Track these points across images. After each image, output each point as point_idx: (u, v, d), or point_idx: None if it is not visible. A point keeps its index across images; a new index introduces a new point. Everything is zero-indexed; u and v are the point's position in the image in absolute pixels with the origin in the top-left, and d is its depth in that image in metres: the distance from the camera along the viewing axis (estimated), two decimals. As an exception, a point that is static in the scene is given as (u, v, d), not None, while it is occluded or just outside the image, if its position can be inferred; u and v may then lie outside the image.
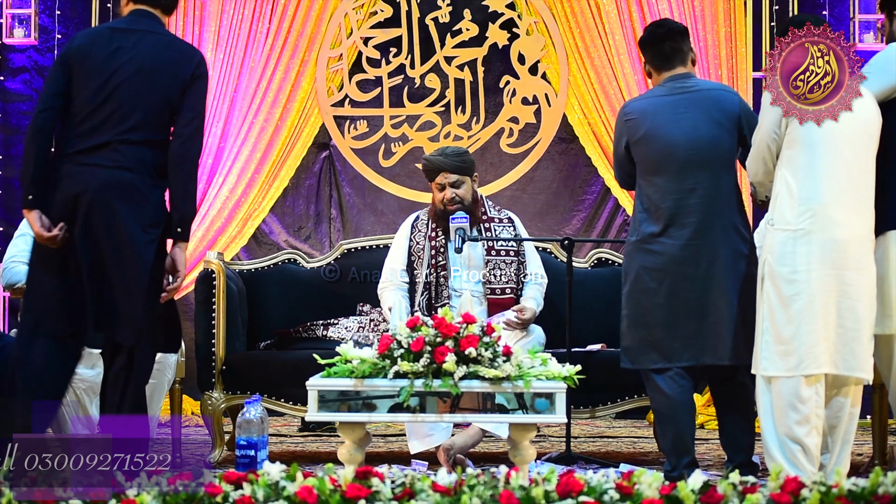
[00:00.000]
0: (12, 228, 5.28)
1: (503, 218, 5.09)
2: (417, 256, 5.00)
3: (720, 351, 4.02)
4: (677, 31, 4.18)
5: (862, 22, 6.60)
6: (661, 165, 4.09)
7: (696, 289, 4.03)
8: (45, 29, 6.79)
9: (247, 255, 6.72)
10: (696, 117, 4.06)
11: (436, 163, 4.95)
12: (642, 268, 4.11)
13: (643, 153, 4.14)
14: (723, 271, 4.02)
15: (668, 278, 4.05)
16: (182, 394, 5.02)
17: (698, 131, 4.05)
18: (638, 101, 4.23)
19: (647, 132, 4.11)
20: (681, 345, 4.05)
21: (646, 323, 4.11)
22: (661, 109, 4.10)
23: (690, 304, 4.04)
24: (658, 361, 4.09)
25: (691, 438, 4.11)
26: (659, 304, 4.07)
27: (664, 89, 4.15)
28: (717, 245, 4.03)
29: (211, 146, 6.64)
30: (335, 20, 6.77)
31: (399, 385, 3.48)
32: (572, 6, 6.70)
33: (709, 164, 4.05)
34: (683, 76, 4.14)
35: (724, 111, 4.07)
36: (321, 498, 2.82)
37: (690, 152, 4.05)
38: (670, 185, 4.06)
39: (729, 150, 4.09)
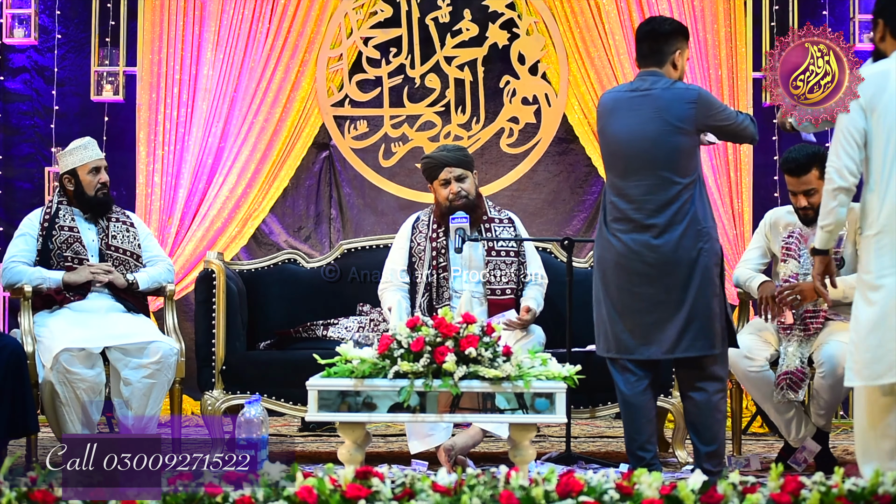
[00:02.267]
0: (12, 228, 5.28)
1: (503, 218, 5.09)
2: (418, 257, 5.00)
3: (665, 344, 4.07)
4: (661, 32, 4.17)
5: (862, 22, 6.60)
6: (612, 161, 4.19)
7: (644, 283, 4.07)
8: (45, 29, 6.79)
9: (247, 255, 6.72)
10: (644, 115, 4.10)
11: (438, 158, 4.95)
12: (599, 259, 4.21)
13: (601, 146, 4.28)
14: (669, 267, 4.05)
15: (619, 271, 4.11)
16: (182, 394, 5.02)
17: (644, 129, 4.09)
18: (608, 94, 4.30)
19: (602, 126, 4.22)
20: (629, 338, 4.10)
21: (599, 313, 4.20)
22: (619, 105, 4.17)
23: (637, 298, 4.08)
24: (610, 351, 4.16)
25: (647, 438, 4.12)
26: (610, 296, 4.14)
27: (630, 85, 4.21)
28: (664, 241, 4.05)
29: (211, 146, 6.64)
30: (335, 20, 6.77)
31: (399, 385, 3.48)
32: (572, 6, 6.70)
33: (653, 164, 4.07)
34: (650, 74, 4.16)
35: (675, 112, 4.08)
36: (321, 498, 2.82)
37: (633, 149, 4.10)
38: (619, 181, 4.14)
39: (674, 148, 4.08)
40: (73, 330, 4.71)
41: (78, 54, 6.80)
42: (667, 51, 4.17)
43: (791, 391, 4.57)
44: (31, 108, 6.81)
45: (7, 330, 6.26)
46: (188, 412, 6.38)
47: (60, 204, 5.00)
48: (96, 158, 5.01)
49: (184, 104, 6.64)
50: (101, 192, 5.00)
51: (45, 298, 4.84)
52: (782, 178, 6.23)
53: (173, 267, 5.23)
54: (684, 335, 4.06)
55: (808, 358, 4.64)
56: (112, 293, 4.92)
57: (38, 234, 4.93)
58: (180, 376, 4.90)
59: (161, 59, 6.64)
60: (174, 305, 5.09)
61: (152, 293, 5.10)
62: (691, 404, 4.16)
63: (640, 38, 4.22)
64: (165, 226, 6.54)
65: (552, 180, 6.84)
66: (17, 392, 4.34)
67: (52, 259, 4.90)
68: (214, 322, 4.95)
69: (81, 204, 4.99)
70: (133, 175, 6.60)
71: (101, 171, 5.02)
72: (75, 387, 4.58)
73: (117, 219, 5.05)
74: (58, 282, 4.83)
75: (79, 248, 4.92)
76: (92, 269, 4.87)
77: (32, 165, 6.78)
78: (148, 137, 6.60)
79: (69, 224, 4.95)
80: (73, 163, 4.98)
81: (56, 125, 6.73)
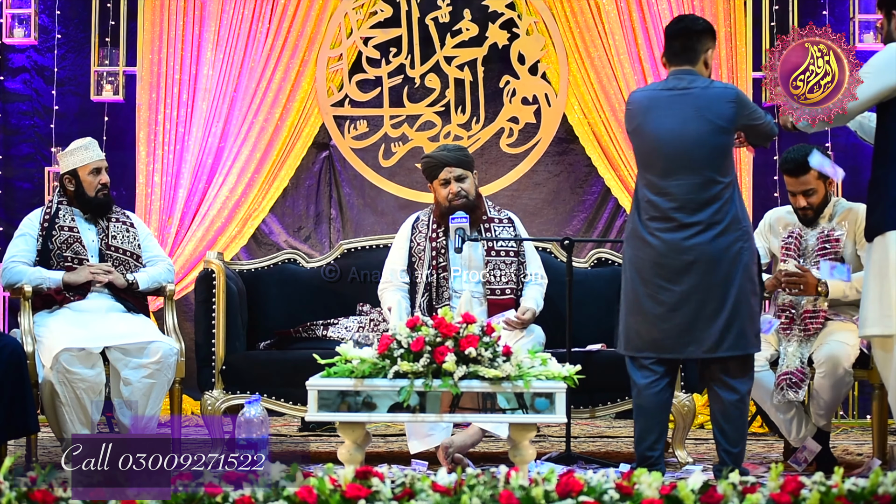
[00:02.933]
0: (12, 228, 5.28)
1: (503, 218, 5.09)
2: (418, 257, 5.00)
3: (707, 343, 4.04)
4: (694, 30, 4.15)
5: (862, 22, 6.60)
6: (650, 160, 4.12)
7: (685, 281, 4.04)
8: (45, 29, 6.79)
9: (247, 255, 6.72)
10: (686, 114, 4.06)
11: (439, 158, 4.95)
12: (632, 259, 4.15)
13: (635, 145, 4.20)
14: (711, 265, 4.02)
15: (658, 270, 4.06)
16: (182, 394, 5.02)
17: (686, 128, 4.05)
18: (640, 92, 4.25)
19: (639, 125, 4.15)
20: (666, 337, 4.07)
21: (634, 312, 4.14)
22: (656, 104, 4.12)
23: (677, 297, 4.04)
24: (641, 350, 4.12)
25: (656, 439, 4.12)
26: (648, 295, 4.09)
27: (664, 83, 4.17)
28: (704, 240, 4.03)
29: (211, 146, 6.64)
30: (335, 20, 6.77)
31: (399, 385, 3.48)
32: (572, 6, 6.70)
33: (694, 161, 4.04)
34: (686, 72, 4.13)
35: (715, 110, 4.06)
36: (321, 498, 2.82)
37: (675, 148, 4.05)
38: (657, 179, 4.09)
39: (716, 147, 4.06)
40: (73, 330, 4.71)
41: (78, 54, 6.80)
42: (699, 49, 4.14)
43: (791, 391, 4.57)
44: (31, 108, 6.80)
45: (7, 330, 6.26)
46: (188, 412, 6.38)
47: (60, 204, 5.00)
48: (97, 159, 5.01)
49: (184, 104, 6.64)
50: (102, 192, 5.00)
51: (44, 298, 4.84)
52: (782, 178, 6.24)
53: (173, 267, 5.23)
54: (727, 334, 4.02)
55: (808, 358, 4.64)
56: (112, 293, 4.92)
57: (37, 234, 4.93)
58: (180, 376, 4.90)
59: (161, 59, 6.64)
60: (174, 305, 5.08)
61: (152, 293, 5.09)
62: (720, 404, 4.11)
63: (672, 35, 4.16)
64: (165, 226, 6.54)
65: (552, 180, 6.84)
66: (16, 392, 4.33)
67: (51, 259, 4.90)
68: (214, 322, 4.95)
69: (82, 204, 4.99)
70: (133, 175, 6.60)
71: (102, 171, 5.02)
72: (75, 387, 4.58)
73: (117, 219, 5.05)
74: (58, 282, 4.83)
75: (79, 249, 4.92)
76: (92, 270, 4.87)
77: (32, 165, 6.78)
78: (148, 137, 6.61)
79: (69, 224, 4.95)
80: (74, 163, 4.98)
81: (56, 125, 6.73)
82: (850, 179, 6.53)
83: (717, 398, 4.13)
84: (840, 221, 4.76)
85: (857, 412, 6.44)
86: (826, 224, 4.78)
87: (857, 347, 4.58)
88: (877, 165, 4.04)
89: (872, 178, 4.06)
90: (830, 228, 4.75)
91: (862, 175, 6.33)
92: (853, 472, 4.41)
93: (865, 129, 4.31)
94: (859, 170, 6.51)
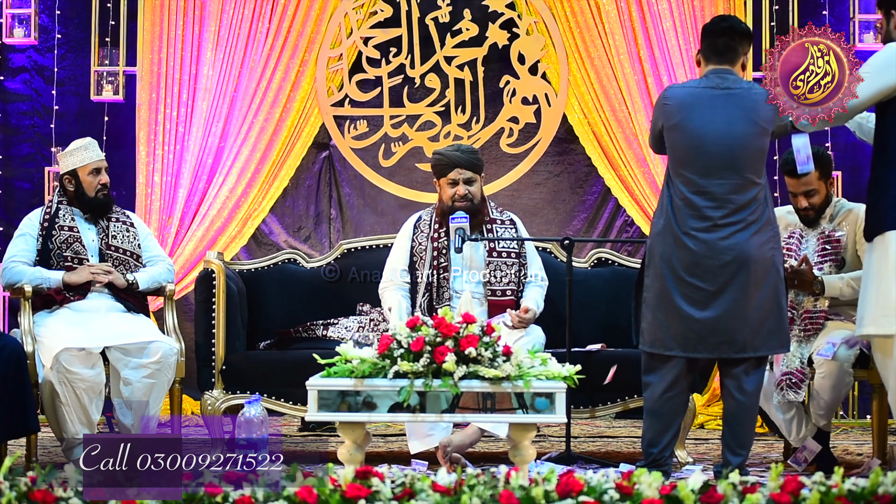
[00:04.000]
0: (12, 229, 5.28)
1: (505, 220, 5.09)
2: (419, 257, 5.00)
3: (739, 343, 4.04)
4: (738, 30, 4.15)
5: (862, 22, 6.60)
6: (690, 157, 4.08)
7: (720, 281, 4.02)
8: (45, 29, 6.79)
9: (247, 255, 6.72)
10: (731, 114, 4.05)
11: (452, 158, 4.94)
12: (664, 257, 4.09)
13: (674, 142, 4.14)
14: (747, 265, 4.02)
15: (694, 269, 4.04)
16: (182, 394, 5.02)
17: (731, 128, 4.04)
18: (678, 88, 4.21)
19: (679, 121, 4.10)
20: (697, 336, 4.05)
21: (665, 310, 4.10)
22: (698, 101, 4.09)
23: (711, 296, 4.03)
24: (672, 349, 4.09)
25: (668, 442, 4.12)
26: (681, 294, 4.06)
27: (706, 81, 4.13)
28: (740, 240, 4.02)
29: (211, 146, 6.64)
30: (335, 20, 6.77)
31: (399, 385, 3.48)
32: (572, 6, 6.70)
33: (737, 162, 4.03)
34: (726, 72, 4.11)
35: (761, 113, 4.06)
36: (321, 498, 2.82)
37: (720, 148, 4.04)
38: (697, 178, 4.06)
39: (759, 150, 4.08)
40: (73, 330, 4.71)
41: (78, 54, 6.80)
42: (741, 51, 4.15)
43: (791, 391, 4.57)
44: (31, 108, 6.80)
45: (7, 330, 6.26)
46: (188, 412, 6.38)
47: (60, 203, 4.99)
48: (97, 159, 5.01)
49: (184, 104, 6.64)
50: (102, 192, 5.00)
51: (44, 298, 4.83)
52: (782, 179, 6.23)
53: (173, 267, 5.23)
54: (759, 334, 4.04)
55: (808, 358, 4.64)
56: (112, 293, 4.92)
57: (37, 233, 4.93)
58: (180, 376, 4.90)
59: (161, 59, 6.64)
60: (174, 305, 5.08)
61: (152, 293, 5.09)
62: (733, 404, 4.12)
63: (715, 33, 4.14)
64: (165, 226, 6.54)
65: (552, 180, 6.84)
66: (17, 392, 4.34)
67: (51, 259, 4.90)
68: (214, 322, 4.95)
69: (81, 204, 4.99)
70: (133, 175, 6.60)
71: (102, 172, 5.01)
72: (75, 386, 4.58)
73: (117, 219, 5.05)
74: (58, 282, 4.83)
75: (79, 248, 4.92)
76: (92, 270, 4.87)
77: (32, 165, 6.78)
78: (148, 137, 6.61)
79: (69, 224, 4.95)
80: (74, 163, 4.98)
81: (56, 125, 6.73)
82: (850, 179, 6.54)
83: (731, 399, 4.13)
84: (841, 222, 4.76)
85: (857, 412, 6.44)
86: (827, 225, 4.78)
87: (857, 348, 4.58)
88: (876, 165, 4.04)
89: (872, 178, 4.06)
90: (831, 229, 4.75)
91: (862, 175, 6.34)
92: (853, 472, 4.41)
93: (864, 130, 4.32)
94: (859, 169, 6.51)
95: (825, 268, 4.71)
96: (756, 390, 4.13)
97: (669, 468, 4.10)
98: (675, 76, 6.50)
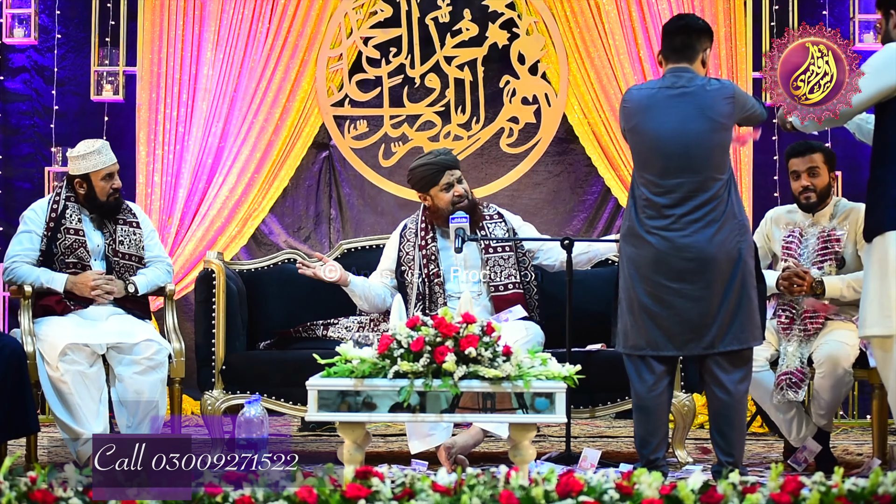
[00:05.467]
0: (12, 229, 5.27)
1: (493, 214, 5.10)
2: (408, 266, 5.00)
3: (707, 340, 4.04)
4: (695, 28, 4.16)
5: (862, 22, 6.60)
6: (649, 159, 4.11)
7: (685, 279, 4.03)
8: (45, 29, 6.79)
9: (247, 255, 6.72)
10: (686, 114, 4.06)
11: (440, 162, 4.94)
12: (630, 257, 4.14)
13: (633, 144, 4.18)
14: (710, 262, 4.02)
15: (658, 268, 4.06)
16: (182, 394, 5.02)
17: (686, 128, 4.05)
18: (637, 91, 4.23)
19: (637, 124, 4.13)
20: (665, 335, 4.07)
21: (633, 310, 4.13)
22: (654, 102, 4.11)
23: (677, 295, 4.04)
24: (641, 349, 4.11)
25: (659, 440, 4.12)
26: (647, 294, 4.08)
27: (662, 81, 4.16)
28: (702, 238, 4.03)
29: (211, 146, 6.64)
30: (335, 20, 6.77)
31: (399, 385, 3.48)
32: (572, 6, 6.70)
33: (694, 161, 4.04)
34: (683, 71, 4.12)
35: (717, 108, 4.06)
36: (321, 498, 2.82)
37: (676, 148, 4.05)
38: (657, 178, 4.08)
39: (718, 145, 4.07)
40: (75, 329, 4.70)
41: (78, 54, 6.80)
42: (698, 48, 4.15)
43: (791, 391, 4.57)
44: (31, 107, 6.80)
45: (7, 330, 6.25)
46: (188, 412, 6.39)
47: (68, 201, 4.94)
48: (110, 164, 4.92)
49: (184, 104, 6.64)
50: (114, 196, 4.95)
51: (45, 307, 4.80)
52: (782, 179, 6.23)
53: (173, 268, 5.22)
54: (727, 330, 4.03)
55: (807, 358, 4.64)
56: (113, 301, 4.89)
57: (42, 232, 4.88)
58: (180, 376, 4.90)
59: (161, 59, 6.64)
60: (174, 305, 5.08)
61: (152, 294, 5.08)
62: (716, 404, 4.12)
63: (672, 31, 4.16)
64: (165, 226, 6.54)
65: (552, 180, 6.84)
66: (17, 392, 4.34)
67: (55, 264, 4.86)
68: (214, 322, 4.95)
69: (91, 207, 4.93)
70: (133, 175, 6.60)
71: (115, 176, 4.93)
72: (84, 377, 4.57)
73: (124, 220, 4.99)
74: (60, 286, 4.80)
75: (83, 254, 4.87)
76: (92, 285, 4.81)
77: (32, 165, 6.78)
78: (148, 137, 6.61)
79: (75, 226, 4.88)
80: (87, 167, 4.88)
81: (56, 125, 6.72)
82: (850, 179, 6.54)
83: (713, 398, 4.13)
84: (841, 221, 4.77)
85: (857, 412, 6.44)
86: (827, 223, 4.79)
87: (857, 347, 4.58)
88: (875, 165, 4.04)
89: (871, 179, 4.06)
90: (832, 228, 4.76)
91: (861, 174, 6.33)
92: (853, 472, 4.41)
93: (863, 131, 4.32)
94: (859, 169, 6.51)
95: (825, 266, 4.72)
96: (740, 388, 4.10)
97: (666, 469, 4.09)
98: (675, 76, 6.50)
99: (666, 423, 4.16)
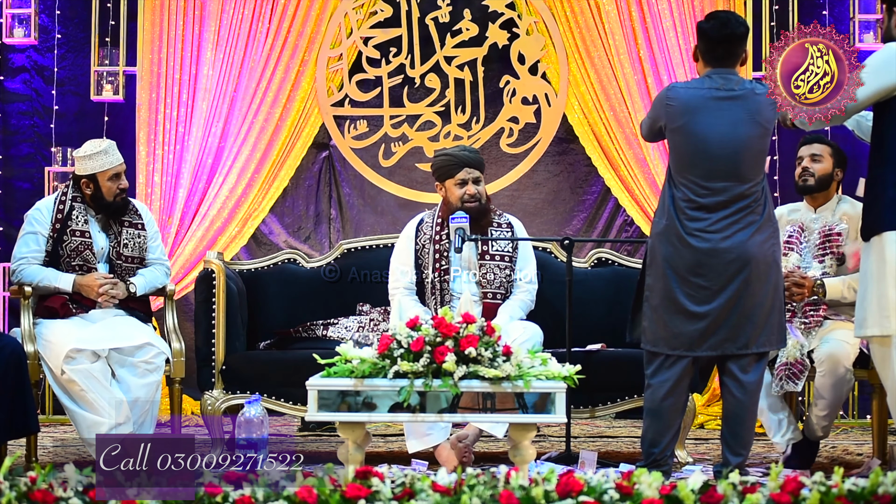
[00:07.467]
0: (12, 229, 5.27)
1: (503, 223, 5.06)
2: (424, 259, 4.99)
3: (742, 340, 4.06)
4: (737, 34, 4.13)
5: (862, 22, 6.59)
6: (694, 161, 4.09)
7: (724, 280, 4.04)
8: (45, 29, 6.79)
9: (247, 255, 6.72)
10: (736, 118, 4.06)
11: (461, 157, 4.91)
12: (667, 258, 4.11)
13: (677, 144, 4.14)
14: (750, 263, 4.04)
15: (698, 269, 4.06)
16: (182, 394, 5.02)
17: (736, 132, 4.06)
18: (683, 89, 4.18)
19: (684, 125, 4.10)
20: (701, 335, 4.06)
21: (669, 310, 4.10)
22: (703, 104, 4.09)
23: (716, 295, 4.05)
24: (676, 348, 4.10)
25: (668, 442, 4.12)
26: (685, 294, 4.07)
27: (709, 82, 4.12)
28: (742, 239, 4.04)
29: (211, 146, 6.64)
30: (335, 20, 6.77)
31: (399, 385, 3.48)
32: (572, 6, 6.69)
33: (740, 165, 4.05)
34: (729, 73, 4.12)
35: (764, 114, 4.08)
36: (321, 498, 2.82)
37: (724, 152, 4.05)
38: (701, 180, 4.07)
39: (761, 151, 4.11)
40: (78, 331, 4.70)
41: (78, 54, 6.80)
42: (740, 53, 4.16)
43: (790, 382, 4.57)
44: (31, 108, 6.80)
45: (7, 330, 6.25)
46: (188, 412, 6.39)
47: (75, 201, 4.92)
48: (117, 164, 4.89)
49: (184, 104, 6.64)
50: (121, 196, 4.93)
51: (48, 310, 4.80)
52: (782, 178, 6.24)
53: (171, 271, 5.21)
54: (763, 330, 4.06)
55: (808, 351, 4.64)
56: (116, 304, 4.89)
57: (48, 233, 4.86)
58: (180, 376, 4.90)
59: (161, 59, 6.64)
60: (174, 305, 5.08)
61: (152, 294, 5.08)
62: (732, 402, 4.13)
63: (714, 40, 4.11)
64: (165, 226, 6.54)
65: (552, 180, 6.84)
66: (17, 392, 4.34)
67: (60, 265, 4.85)
68: (214, 322, 4.95)
69: (98, 208, 4.92)
70: (133, 175, 6.59)
71: (122, 176, 4.91)
72: (92, 372, 4.58)
73: (130, 222, 4.97)
74: (67, 286, 4.79)
75: (88, 256, 4.85)
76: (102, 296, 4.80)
77: (32, 165, 6.78)
78: (148, 137, 6.61)
79: (81, 228, 4.86)
80: (94, 168, 4.86)
81: (56, 125, 6.72)
82: (849, 178, 6.53)
83: (730, 398, 4.14)
84: (842, 217, 4.79)
85: (857, 412, 6.44)
86: (829, 218, 4.80)
87: (857, 347, 4.59)
88: (873, 165, 4.04)
89: (869, 178, 4.07)
90: (833, 223, 4.78)
91: (859, 173, 6.33)
92: (853, 472, 4.41)
93: (863, 128, 4.33)
94: (858, 168, 6.50)
95: (826, 261, 4.74)
96: (756, 388, 4.14)
97: (670, 468, 4.10)
98: (675, 76, 6.50)
99: (677, 426, 4.16)
